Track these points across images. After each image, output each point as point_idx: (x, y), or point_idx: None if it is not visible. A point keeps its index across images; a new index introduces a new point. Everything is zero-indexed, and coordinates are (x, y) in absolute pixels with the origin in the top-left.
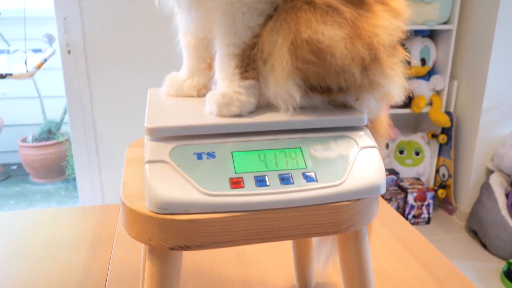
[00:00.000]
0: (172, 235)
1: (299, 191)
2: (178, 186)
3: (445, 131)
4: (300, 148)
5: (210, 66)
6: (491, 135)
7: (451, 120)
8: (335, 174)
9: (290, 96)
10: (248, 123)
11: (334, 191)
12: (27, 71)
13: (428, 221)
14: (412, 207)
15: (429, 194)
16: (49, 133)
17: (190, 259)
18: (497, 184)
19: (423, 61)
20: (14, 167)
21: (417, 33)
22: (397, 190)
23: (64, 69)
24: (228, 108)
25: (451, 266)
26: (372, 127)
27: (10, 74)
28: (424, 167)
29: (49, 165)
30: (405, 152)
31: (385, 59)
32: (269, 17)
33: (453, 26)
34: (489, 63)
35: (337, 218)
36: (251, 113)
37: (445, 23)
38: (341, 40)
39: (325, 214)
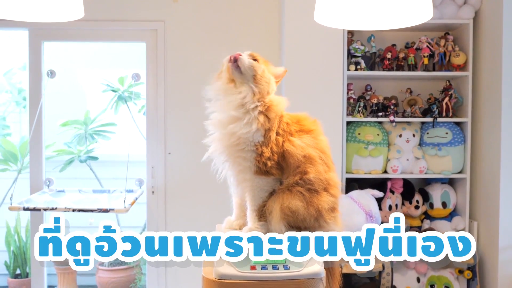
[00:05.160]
0: None
1: (281, 273)
2: (227, 268)
3: (470, 267)
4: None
5: (245, 215)
6: (510, 272)
7: (474, 258)
8: (299, 266)
9: (281, 230)
10: None
11: (298, 274)
12: (125, 207)
13: None
14: None
15: None
16: None
17: None
18: None
19: (444, 204)
20: None
21: (437, 180)
22: None
23: (148, 206)
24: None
25: None
26: None
27: (112, 209)
28: None
29: (120, 287)
30: (436, 286)
31: (326, 215)
32: (271, 194)
33: (466, 175)
34: (499, 207)
35: (299, 287)
36: None
37: (460, 172)
38: (302, 207)
39: (293, 284)
